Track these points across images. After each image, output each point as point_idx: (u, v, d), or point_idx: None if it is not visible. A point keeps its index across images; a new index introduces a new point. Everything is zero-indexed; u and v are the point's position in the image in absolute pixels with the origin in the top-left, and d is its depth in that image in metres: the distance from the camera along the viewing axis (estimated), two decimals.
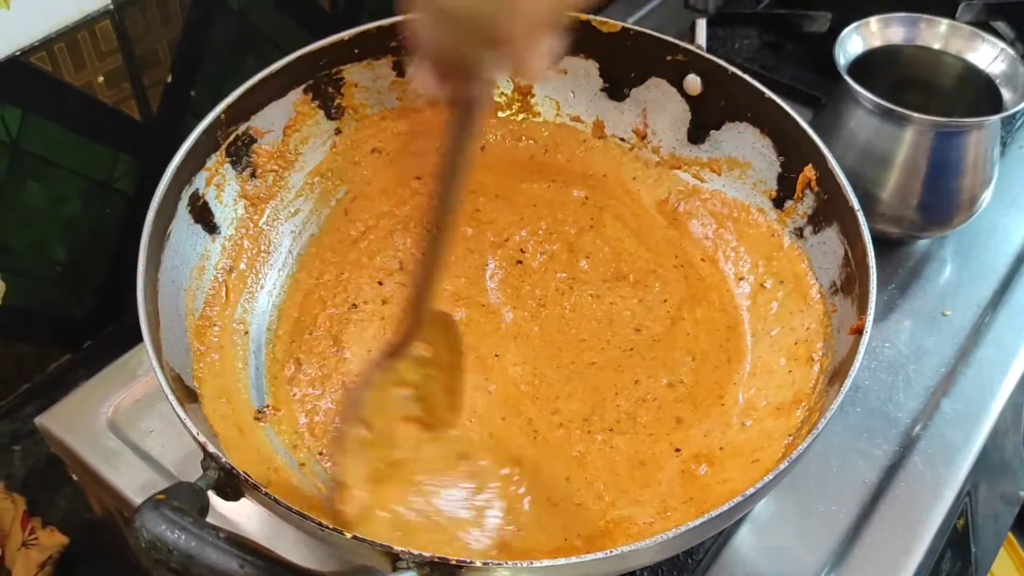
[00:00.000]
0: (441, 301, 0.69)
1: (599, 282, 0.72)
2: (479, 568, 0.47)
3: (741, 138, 0.74)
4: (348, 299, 0.70)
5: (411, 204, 0.76)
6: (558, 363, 0.68)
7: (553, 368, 0.67)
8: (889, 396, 0.74)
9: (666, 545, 0.50)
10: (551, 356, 0.68)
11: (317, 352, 0.67)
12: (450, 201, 0.52)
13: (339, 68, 0.73)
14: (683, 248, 0.75)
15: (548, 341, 0.69)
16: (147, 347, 0.53)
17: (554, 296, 0.71)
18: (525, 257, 0.74)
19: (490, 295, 0.71)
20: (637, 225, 0.76)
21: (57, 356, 0.87)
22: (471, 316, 0.70)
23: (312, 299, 0.70)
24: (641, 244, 0.75)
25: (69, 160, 0.79)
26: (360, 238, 0.74)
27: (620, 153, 0.80)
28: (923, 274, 0.83)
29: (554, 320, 0.70)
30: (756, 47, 1.04)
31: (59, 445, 0.69)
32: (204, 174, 0.66)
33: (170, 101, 0.84)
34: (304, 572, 0.43)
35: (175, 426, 0.68)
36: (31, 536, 0.77)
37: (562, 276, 0.73)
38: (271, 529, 0.58)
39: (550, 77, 0.79)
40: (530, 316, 0.70)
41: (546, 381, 0.67)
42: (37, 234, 0.80)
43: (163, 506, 0.43)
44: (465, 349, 0.63)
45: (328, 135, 0.75)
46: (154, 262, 0.59)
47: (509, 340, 0.69)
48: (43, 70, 0.73)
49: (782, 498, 0.67)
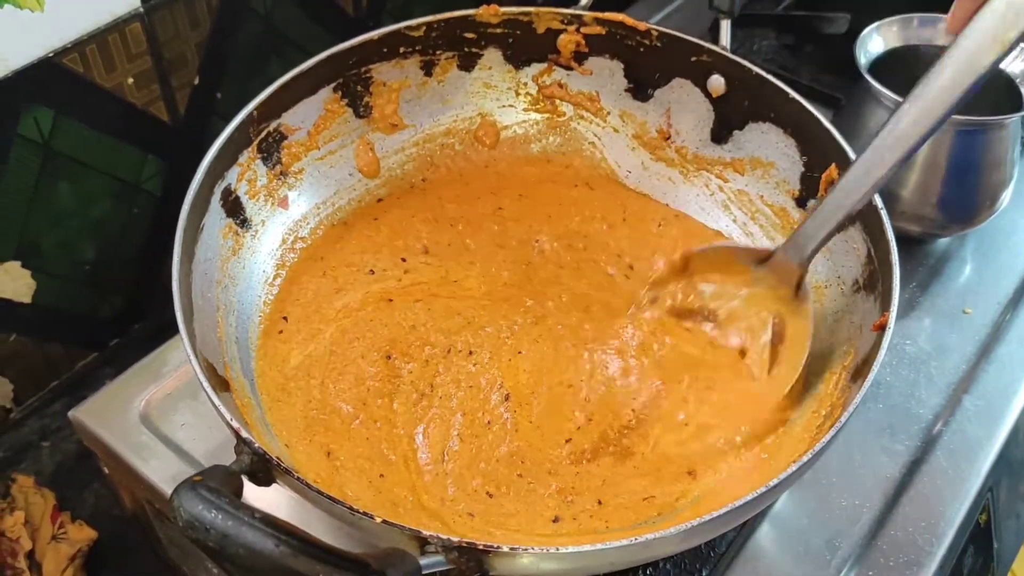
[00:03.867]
0: (475, 298, 0.71)
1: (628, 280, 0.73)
2: (506, 553, 0.48)
3: (764, 138, 0.74)
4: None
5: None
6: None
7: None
8: (911, 393, 0.74)
9: (689, 534, 0.50)
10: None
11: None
12: None
13: (368, 67, 0.74)
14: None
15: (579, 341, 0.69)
16: (183, 337, 0.54)
17: (589, 294, 0.72)
18: (550, 253, 0.74)
19: (519, 289, 0.72)
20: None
21: (84, 354, 0.89)
22: (506, 312, 0.71)
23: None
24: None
25: (99, 161, 0.81)
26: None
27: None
28: (944, 272, 0.83)
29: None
30: (775, 48, 1.05)
31: (92, 439, 0.70)
32: (236, 169, 0.67)
33: (197, 103, 0.85)
34: (337, 553, 0.43)
35: (205, 419, 0.70)
36: (61, 530, 0.78)
37: (593, 275, 0.73)
38: (300, 516, 0.59)
39: (575, 76, 0.80)
40: (559, 311, 0.71)
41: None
42: (67, 234, 0.81)
43: (200, 487, 0.44)
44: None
45: (356, 133, 0.76)
46: (188, 255, 0.60)
47: (533, 341, 0.69)
48: (75, 72, 0.74)
49: (804, 493, 0.67)
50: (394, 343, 0.68)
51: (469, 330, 0.69)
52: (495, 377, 0.66)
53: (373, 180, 0.77)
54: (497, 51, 0.79)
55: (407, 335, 0.68)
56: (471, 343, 0.68)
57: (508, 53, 0.79)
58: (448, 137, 0.80)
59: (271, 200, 0.71)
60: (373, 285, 0.71)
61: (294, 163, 0.72)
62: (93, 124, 0.78)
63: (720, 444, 0.63)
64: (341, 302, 0.70)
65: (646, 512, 0.60)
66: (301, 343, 0.67)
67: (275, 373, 0.65)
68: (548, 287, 0.73)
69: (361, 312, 0.70)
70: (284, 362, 0.66)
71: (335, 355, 0.67)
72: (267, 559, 0.42)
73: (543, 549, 0.49)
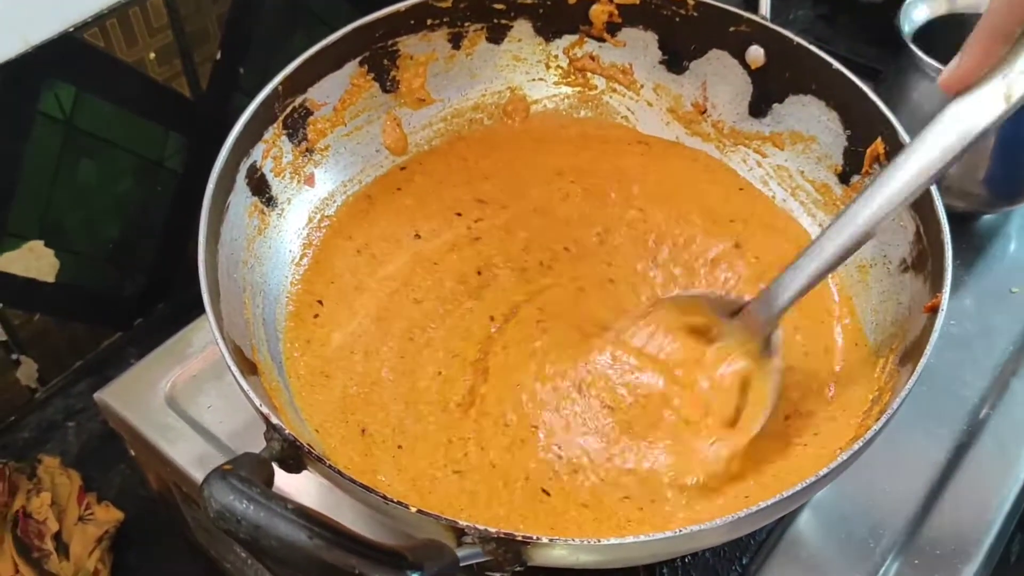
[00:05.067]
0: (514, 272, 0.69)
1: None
2: (544, 544, 0.46)
3: (805, 111, 0.72)
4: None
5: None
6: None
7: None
8: (957, 375, 0.72)
9: (734, 525, 0.49)
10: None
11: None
12: None
13: (395, 40, 0.72)
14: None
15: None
16: (209, 319, 0.53)
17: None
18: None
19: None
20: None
21: (108, 334, 0.88)
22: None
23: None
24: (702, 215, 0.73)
25: (122, 138, 0.79)
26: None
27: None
28: (989, 251, 0.81)
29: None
30: (810, 19, 1.03)
31: (118, 421, 0.70)
32: (261, 146, 0.65)
33: (219, 78, 0.84)
34: (372, 545, 0.42)
35: (231, 401, 0.68)
36: (87, 511, 0.77)
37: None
38: (330, 503, 0.57)
39: (608, 48, 0.77)
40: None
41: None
42: (90, 212, 0.81)
43: (230, 476, 0.43)
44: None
45: (383, 108, 0.74)
46: (214, 235, 0.58)
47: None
48: (96, 46, 0.73)
49: (845, 479, 0.65)
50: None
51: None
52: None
53: (400, 157, 0.75)
54: (527, 23, 0.77)
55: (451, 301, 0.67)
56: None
57: (538, 25, 0.77)
58: (477, 112, 0.78)
59: (297, 178, 0.69)
60: (414, 249, 0.70)
61: (320, 139, 0.71)
62: (114, 100, 0.77)
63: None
64: (383, 272, 0.69)
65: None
66: (342, 323, 0.66)
67: (311, 358, 0.64)
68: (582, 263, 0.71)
69: (403, 281, 0.69)
70: (323, 345, 0.64)
71: (382, 323, 0.66)
72: (300, 551, 0.41)
73: (582, 540, 0.47)
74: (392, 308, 0.67)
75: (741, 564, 0.62)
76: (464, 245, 0.71)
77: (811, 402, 0.63)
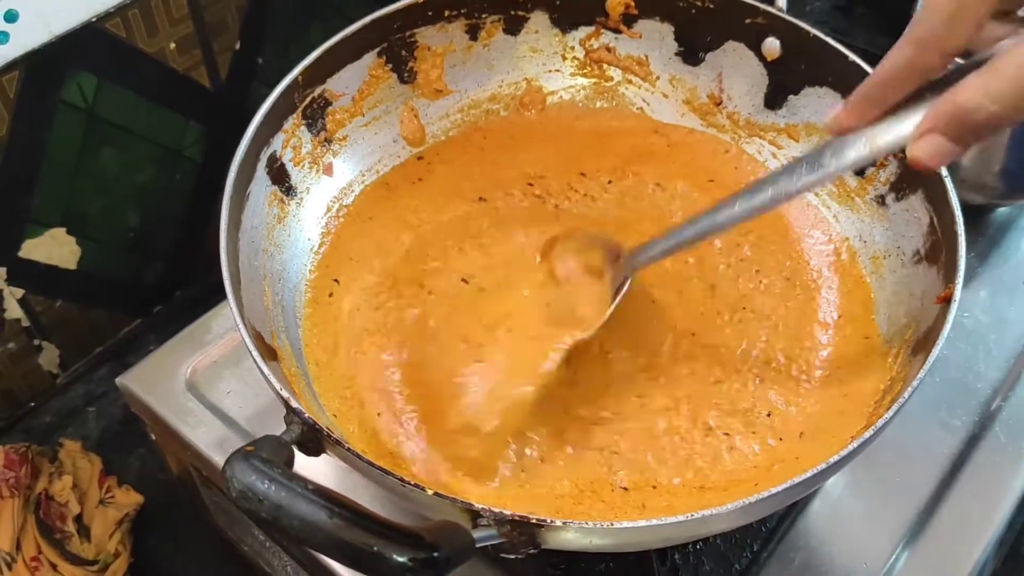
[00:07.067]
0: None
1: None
2: (559, 527, 0.47)
3: (821, 103, 0.72)
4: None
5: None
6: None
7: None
8: (969, 366, 0.72)
9: (745, 511, 0.49)
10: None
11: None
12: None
13: (412, 31, 0.72)
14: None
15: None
16: (231, 305, 0.54)
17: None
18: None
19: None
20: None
21: (129, 320, 0.89)
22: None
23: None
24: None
25: (142, 127, 0.80)
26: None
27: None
28: (1003, 243, 0.80)
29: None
30: (827, 10, 1.02)
31: (139, 405, 0.71)
32: (281, 136, 0.66)
33: (238, 68, 0.85)
34: (391, 525, 0.43)
35: (251, 386, 0.70)
36: (108, 494, 0.78)
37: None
38: (348, 486, 0.58)
39: (624, 40, 0.78)
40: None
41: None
42: (111, 200, 0.82)
43: (252, 457, 0.43)
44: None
45: (400, 98, 0.75)
46: (235, 223, 0.59)
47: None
48: (118, 36, 0.74)
49: (856, 468, 0.66)
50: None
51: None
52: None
53: (418, 148, 0.76)
54: (544, 14, 0.77)
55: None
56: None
57: (555, 16, 0.77)
58: (493, 103, 0.79)
59: (316, 167, 0.70)
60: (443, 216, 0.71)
61: (339, 130, 0.71)
62: (136, 90, 0.78)
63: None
64: (397, 252, 0.69)
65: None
66: (355, 295, 0.66)
67: (324, 335, 0.64)
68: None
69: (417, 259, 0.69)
70: (335, 320, 0.65)
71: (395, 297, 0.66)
72: (321, 530, 0.42)
73: (597, 524, 0.48)
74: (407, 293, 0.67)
75: (752, 550, 0.63)
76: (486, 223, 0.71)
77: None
